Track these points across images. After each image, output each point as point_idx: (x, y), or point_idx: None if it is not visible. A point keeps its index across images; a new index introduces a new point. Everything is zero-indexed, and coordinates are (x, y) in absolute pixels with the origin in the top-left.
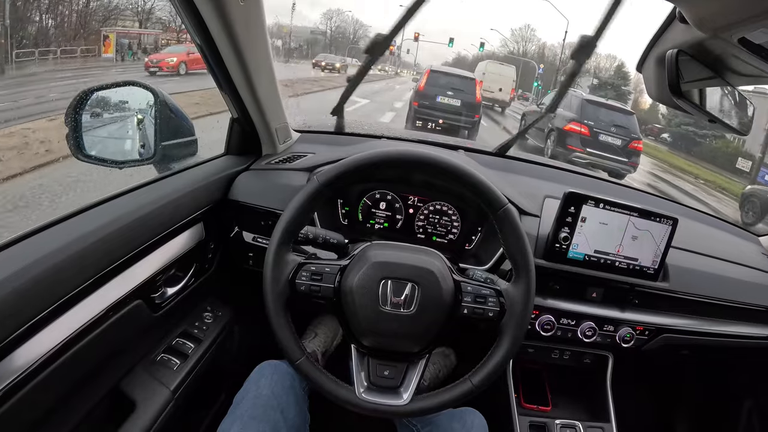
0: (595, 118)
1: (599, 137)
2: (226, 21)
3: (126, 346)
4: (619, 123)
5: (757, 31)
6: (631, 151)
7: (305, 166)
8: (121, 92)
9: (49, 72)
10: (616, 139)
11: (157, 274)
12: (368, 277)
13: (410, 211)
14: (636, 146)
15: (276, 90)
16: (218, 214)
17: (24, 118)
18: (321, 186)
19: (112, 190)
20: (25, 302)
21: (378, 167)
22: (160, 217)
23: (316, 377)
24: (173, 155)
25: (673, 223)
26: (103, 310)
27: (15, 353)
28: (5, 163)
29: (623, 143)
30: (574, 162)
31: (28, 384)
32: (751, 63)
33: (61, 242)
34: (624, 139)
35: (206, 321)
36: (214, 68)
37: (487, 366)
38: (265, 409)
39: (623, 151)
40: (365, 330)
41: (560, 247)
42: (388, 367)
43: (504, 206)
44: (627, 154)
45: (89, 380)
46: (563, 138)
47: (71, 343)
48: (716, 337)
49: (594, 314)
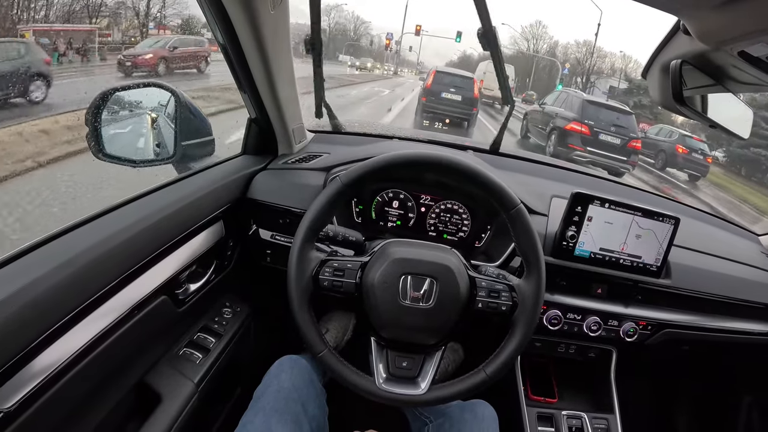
0: (595, 118)
1: (599, 136)
2: (256, 27)
3: (152, 340)
4: (619, 123)
5: (756, 45)
6: (630, 150)
7: (321, 166)
8: (141, 93)
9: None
10: (616, 138)
11: (180, 271)
12: (389, 272)
13: (422, 209)
14: (635, 145)
15: (295, 92)
16: (237, 212)
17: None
18: (344, 186)
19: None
20: (55, 303)
21: (399, 168)
22: (182, 216)
23: (338, 369)
24: (193, 155)
25: (675, 222)
26: (131, 307)
27: (46, 351)
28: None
29: (622, 142)
30: (575, 160)
31: (61, 379)
32: (750, 73)
33: (91, 242)
34: (623, 138)
35: (225, 316)
36: (237, 69)
37: (500, 357)
38: (287, 402)
39: (622, 149)
40: (386, 323)
41: (567, 244)
42: (406, 358)
43: (516, 206)
44: (626, 152)
45: (116, 374)
46: (564, 137)
47: (100, 340)
48: (716, 333)
49: (599, 309)
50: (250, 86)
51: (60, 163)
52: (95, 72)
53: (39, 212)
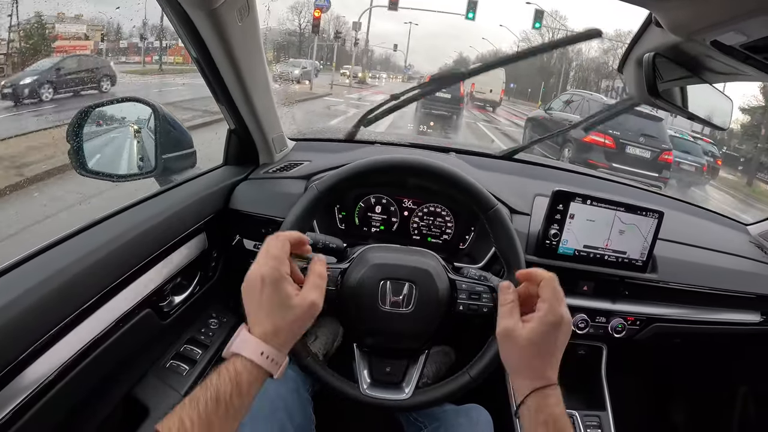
0: (621, 126)
1: (626, 149)
2: (225, 39)
3: (137, 354)
4: (649, 132)
5: (728, 34)
6: (660, 164)
7: (302, 173)
8: (121, 108)
9: None
10: (645, 150)
11: (164, 284)
12: (368, 278)
13: (405, 213)
14: (666, 158)
15: (272, 101)
16: (220, 223)
17: None
18: (320, 193)
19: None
20: (40, 317)
21: (374, 173)
22: (164, 229)
23: (322, 375)
24: (174, 167)
25: (659, 216)
26: (115, 320)
27: (32, 366)
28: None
29: (653, 155)
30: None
31: (45, 395)
32: (725, 62)
33: (73, 257)
34: (654, 151)
35: (212, 327)
36: (212, 82)
37: (483, 359)
38: (272, 410)
39: (653, 164)
40: (367, 329)
41: (550, 243)
42: (390, 363)
43: (493, 207)
44: (657, 167)
45: (103, 388)
46: (583, 151)
47: (85, 354)
48: (707, 325)
49: (586, 306)
50: (227, 98)
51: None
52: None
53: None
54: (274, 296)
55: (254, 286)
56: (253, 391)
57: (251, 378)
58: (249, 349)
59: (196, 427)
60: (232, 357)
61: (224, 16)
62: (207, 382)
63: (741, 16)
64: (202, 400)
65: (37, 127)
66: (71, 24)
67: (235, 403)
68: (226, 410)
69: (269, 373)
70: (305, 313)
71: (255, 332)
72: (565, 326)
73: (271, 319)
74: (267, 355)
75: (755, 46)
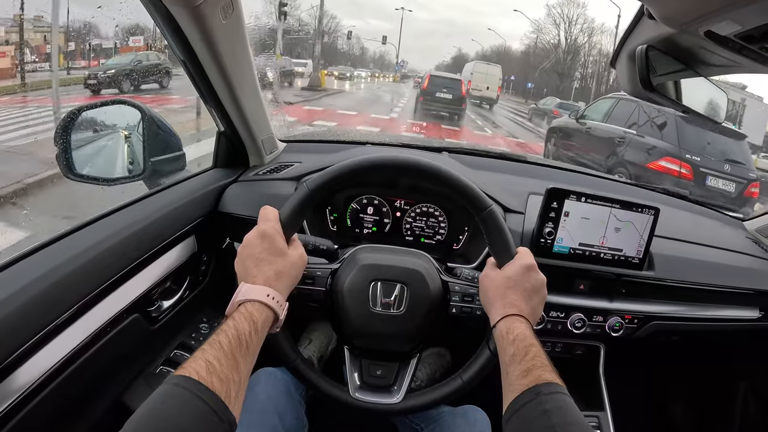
0: (700, 148)
1: (706, 181)
2: (209, 38)
3: (126, 359)
4: (733, 155)
5: (722, 23)
6: (745, 199)
7: (292, 175)
8: (109, 111)
9: None
10: (729, 182)
11: (152, 288)
12: (358, 279)
13: (397, 214)
14: (753, 192)
15: (261, 102)
16: (209, 226)
17: None
18: (312, 191)
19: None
20: (25, 322)
21: (367, 172)
22: (152, 232)
23: (310, 378)
24: (163, 170)
25: (654, 212)
26: (102, 326)
27: (17, 372)
28: None
29: (738, 189)
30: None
31: (30, 402)
32: (719, 54)
33: (58, 261)
34: (739, 182)
35: (203, 332)
36: (198, 83)
37: (477, 363)
38: (263, 414)
39: (738, 199)
40: (357, 331)
41: (545, 241)
42: (381, 366)
43: (488, 207)
44: (741, 202)
45: (91, 395)
46: (643, 179)
47: (72, 360)
48: (706, 322)
49: (582, 306)
50: (214, 100)
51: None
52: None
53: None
54: (273, 247)
55: (254, 244)
56: (264, 330)
57: (262, 317)
58: (256, 293)
59: (224, 365)
60: (239, 306)
61: (207, 13)
62: (224, 327)
63: (735, 4)
64: (225, 341)
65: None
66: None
67: (254, 340)
68: (247, 347)
69: (276, 314)
70: (299, 259)
71: (257, 282)
72: (538, 276)
73: (273, 265)
74: (272, 296)
75: (750, 36)
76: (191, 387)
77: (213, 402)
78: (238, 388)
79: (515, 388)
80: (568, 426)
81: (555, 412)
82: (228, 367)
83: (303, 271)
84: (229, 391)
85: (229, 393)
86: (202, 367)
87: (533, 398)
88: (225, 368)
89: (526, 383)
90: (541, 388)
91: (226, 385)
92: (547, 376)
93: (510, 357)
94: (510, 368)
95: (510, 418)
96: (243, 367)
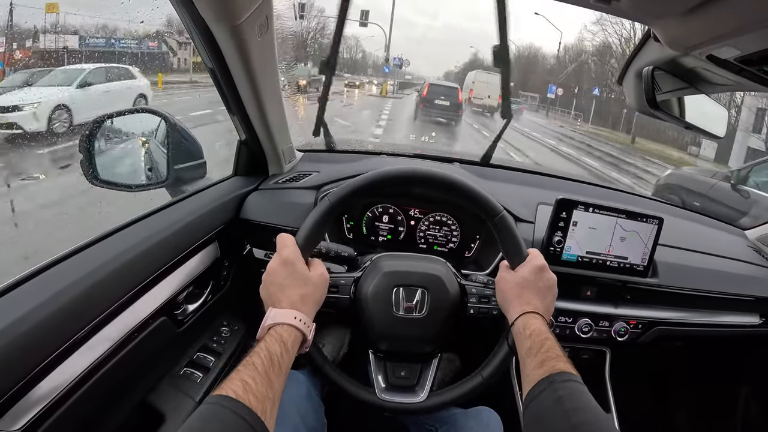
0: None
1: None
2: (244, 54)
3: (153, 361)
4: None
5: (723, 48)
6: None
7: (311, 184)
8: (134, 119)
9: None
10: None
11: (178, 292)
12: (381, 285)
13: (411, 222)
14: None
15: (284, 113)
16: (231, 233)
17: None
18: (333, 204)
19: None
20: (58, 328)
21: (385, 184)
22: (177, 239)
23: (339, 381)
24: (185, 178)
25: (659, 222)
26: (132, 329)
27: (50, 375)
28: None
29: None
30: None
31: (66, 401)
32: (720, 74)
33: (89, 267)
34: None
35: (224, 335)
36: (226, 94)
37: (495, 360)
38: (284, 415)
39: None
40: (381, 334)
41: (555, 250)
42: (404, 368)
43: (500, 213)
44: None
45: (120, 395)
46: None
47: (103, 362)
48: (708, 328)
49: (589, 311)
50: (240, 110)
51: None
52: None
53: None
54: (295, 272)
55: (277, 271)
56: (294, 349)
57: (292, 338)
58: (283, 316)
59: (258, 383)
60: (269, 330)
61: (245, 31)
62: (257, 349)
63: (734, 32)
64: (258, 362)
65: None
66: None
67: (285, 360)
68: (279, 367)
69: (304, 334)
70: (321, 282)
71: (284, 306)
72: (550, 275)
73: (297, 290)
74: (299, 318)
75: (748, 59)
76: (230, 405)
77: (250, 418)
78: (272, 405)
79: (532, 378)
80: (579, 411)
81: (568, 398)
82: (263, 386)
83: (326, 290)
84: (265, 407)
85: (264, 409)
86: (238, 387)
87: (548, 386)
88: (260, 386)
89: (541, 373)
90: (555, 377)
91: (261, 402)
92: (561, 366)
93: (527, 350)
94: (527, 360)
95: (528, 406)
96: (276, 384)
